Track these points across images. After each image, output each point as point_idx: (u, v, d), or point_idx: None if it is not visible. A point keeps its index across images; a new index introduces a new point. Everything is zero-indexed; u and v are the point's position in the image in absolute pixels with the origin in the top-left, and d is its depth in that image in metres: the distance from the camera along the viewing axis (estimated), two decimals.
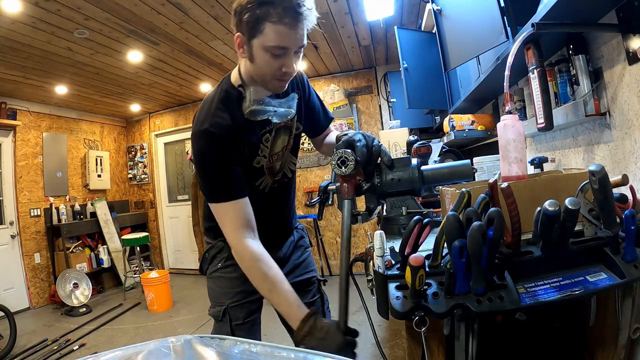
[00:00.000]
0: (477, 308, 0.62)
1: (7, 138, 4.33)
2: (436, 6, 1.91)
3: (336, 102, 4.68)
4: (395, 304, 0.66)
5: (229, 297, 1.18)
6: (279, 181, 1.19)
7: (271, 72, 0.95)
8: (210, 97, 1.04)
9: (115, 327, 3.58)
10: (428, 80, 2.75)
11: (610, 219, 0.66)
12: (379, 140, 1.04)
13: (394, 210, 1.05)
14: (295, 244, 1.34)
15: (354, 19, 3.30)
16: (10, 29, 2.70)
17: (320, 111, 1.29)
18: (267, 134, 1.09)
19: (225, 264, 1.19)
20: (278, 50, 0.91)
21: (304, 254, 1.35)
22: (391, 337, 2.73)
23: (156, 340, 0.65)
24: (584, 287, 0.64)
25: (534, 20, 1.01)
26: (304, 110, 1.21)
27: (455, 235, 0.64)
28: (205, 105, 1.03)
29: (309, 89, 1.23)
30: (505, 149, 0.92)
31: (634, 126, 1.03)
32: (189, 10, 2.78)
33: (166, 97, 5.04)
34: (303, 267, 1.33)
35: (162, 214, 5.78)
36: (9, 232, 4.25)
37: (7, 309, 3.20)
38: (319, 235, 4.77)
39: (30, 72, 3.62)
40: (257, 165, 1.10)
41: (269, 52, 0.91)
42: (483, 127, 2.19)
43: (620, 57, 1.04)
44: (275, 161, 1.15)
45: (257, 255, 0.98)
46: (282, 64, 0.94)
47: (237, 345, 0.64)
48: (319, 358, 0.59)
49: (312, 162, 4.88)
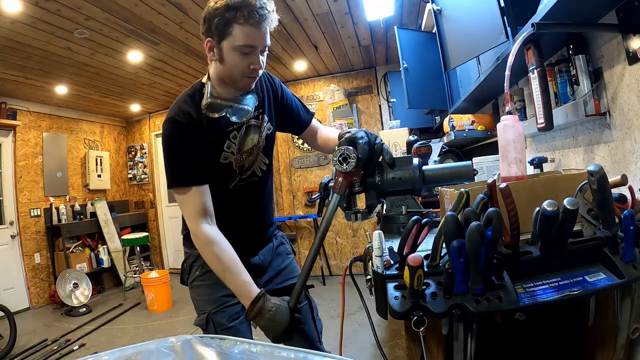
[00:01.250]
0: (475, 308, 0.63)
1: (7, 138, 4.33)
2: (436, 6, 1.91)
3: (336, 102, 4.68)
4: (394, 304, 0.66)
5: (210, 303, 1.18)
6: (247, 179, 1.20)
7: (241, 70, 1.03)
8: (182, 94, 1.14)
9: (115, 327, 3.59)
10: (428, 80, 2.75)
11: (609, 219, 0.66)
12: (381, 139, 1.04)
13: (394, 209, 1.05)
14: (275, 251, 1.32)
15: (354, 19, 3.30)
16: (10, 29, 2.71)
17: (300, 108, 1.33)
18: (234, 131, 1.14)
19: (203, 270, 1.20)
20: (246, 49, 1.00)
21: (285, 260, 1.34)
22: (391, 337, 2.73)
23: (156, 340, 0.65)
24: (582, 287, 0.64)
25: (534, 20, 1.01)
26: (278, 110, 1.26)
27: (454, 235, 0.64)
28: (176, 100, 1.13)
29: (281, 90, 1.28)
30: (505, 150, 0.92)
31: (634, 126, 1.03)
32: (189, 10, 2.78)
33: (166, 97, 5.04)
34: (286, 273, 1.32)
35: (162, 214, 5.78)
36: (9, 232, 4.26)
37: (7, 309, 3.20)
38: None
39: (30, 72, 3.62)
40: (224, 162, 1.14)
41: (238, 52, 1.00)
42: (483, 127, 2.19)
43: (620, 57, 1.04)
44: (245, 159, 1.18)
45: (212, 238, 1.05)
46: (251, 62, 1.02)
47: (237, 345, 0.64)
48: (318, 358, 0.59)
49: (312, 162, 4.88)
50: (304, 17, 3.13)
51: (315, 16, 3.15)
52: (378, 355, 2.52)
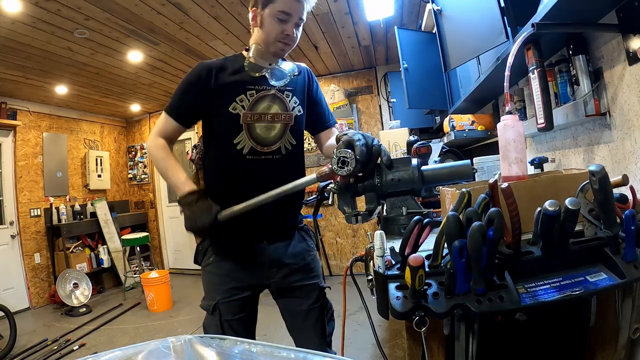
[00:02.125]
0: (477, 308, 0.62)
1: (7, 138, 4.33)
2: (436, 6, 1.91)
3: (336, 102, 4.68)
4: (395, 304, 0.66)
5: (220, 293, 1.21)
6: (271, 154, 1.21)
7: (275, 35, 1.16)
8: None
9: (115, 327, 3.58)
10: (428, 80, 2.75)
11: (610, 219, 0.66)
12: (378, 140, 1.04)
13: (394, 210, 1.05)
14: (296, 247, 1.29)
15: (354, 19, 3.30)
16: (10, 29, 2.70)
17: (325, 110, 1.37)
18: (252, 90, 1.21)
19: (216, 258, 1.25)
20: (283, 15, 1.13)
21: (307, 257, 1.31)
22: (391, 337, 2.73)
23: (156, 340, 0.65)
24: (584, 287, 0.64)
25: (534, 20, 1.01)
26: (307, 100, 1.31)
27: (456, 235, 0.64)
28: None
29: (315, 83, 1.35)
30: (505, 149, 0.92)
31: (634, 126, 1.03)
32: (189, 10, 2.78)
33: (166, 97, 5.04)
34: (307, 271, 1.29)
35: (162, 214, 5.78)
36: (9, 232, 4.25)
37: (7, 309, 3.20)
38: (319, 235, 4.77)
39: (31, 72, 3.62)
40: (232, 111, 1.18)
41: (276, 18, 1.14)
42: (483, 127, 2.19)
43: (621, 57, 1.04)
44: (256, 120, 1.20)
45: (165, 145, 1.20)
46: (285, 29, 1.15)
47: (237, 345, 0.64)
48: (318, 358, 0.59)
49: (312, 162, 4.88)
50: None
51: (315, 16, 3.15)
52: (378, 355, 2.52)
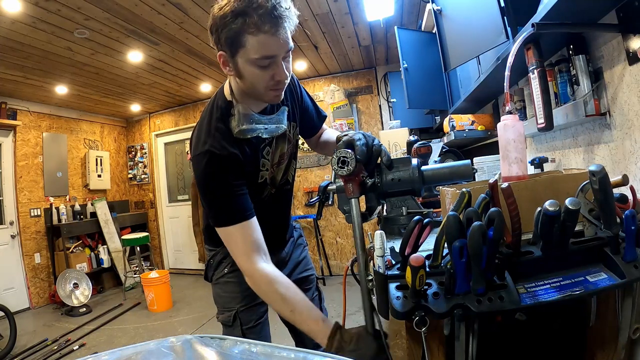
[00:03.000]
0: (477, 308, 0.62)
1: (7, 138, 4.33)
2: (436, 6, 1.91)
3: (336, 102, 4.68)
4: (396, 304, 0.66)
5: (238, 301, 1.16)
6: (281, 187, 1.19)
7: (263, 85, 0.91)
8: (207, 115, 1.01)
9: (115, 327, 3.58)
10: (428, 80, 2.75)
11: (610, 219, 0.66)
12: (379, 140, 1.04)
13: (394, 210, 1.05)
14: (295, 243, 1.37)
15: (354, 19, 3.30)
16: (10, 29, 2.70)
17: (313, 111, 1.26)
18: (267, 147, 1.07)
19: (232, 268, 1.16)
20: (264, 61, 0.86)
21: (302, 252, 1.39)
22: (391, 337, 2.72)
23: (156, 340, 0.65)
24: (584, 287, 0.64)
25: (534, 20, 1.01)
26: (299, 110, 1.19)
27: (456, 235, 0.64)
28: (203, 125, 0.99)
29: (301, 91, 1.20)
30: (506, 149, 0.92)
31: (634, 126, 1.03)
32: (189, 10, 2.78)
33: (166, 97, 5.04)
34: (303, 265, 1.36)
35: (162, 214, 5.78)
36: (9, 232, 4.25)
37: (7, 309, 3.20)
38: (319, 235, 4.77)
39: (30, 72, 3.62)
40: (261, 181, 1.09)
41: (256, 65, 0.87)
42: (483, 127, 2.19)
43: (621, 57, 1.04)
44: (276, 171, 1.14)
45: (272, 278, 0.94)
46: (273, 74, 0.89)
47: (237, 345, 0.64)
48: (318, 358, 0.59)
49: (312, 162, 4.88)
50: (304, 17, 3.13)
51: (315, 16, 3.15)
52: None
